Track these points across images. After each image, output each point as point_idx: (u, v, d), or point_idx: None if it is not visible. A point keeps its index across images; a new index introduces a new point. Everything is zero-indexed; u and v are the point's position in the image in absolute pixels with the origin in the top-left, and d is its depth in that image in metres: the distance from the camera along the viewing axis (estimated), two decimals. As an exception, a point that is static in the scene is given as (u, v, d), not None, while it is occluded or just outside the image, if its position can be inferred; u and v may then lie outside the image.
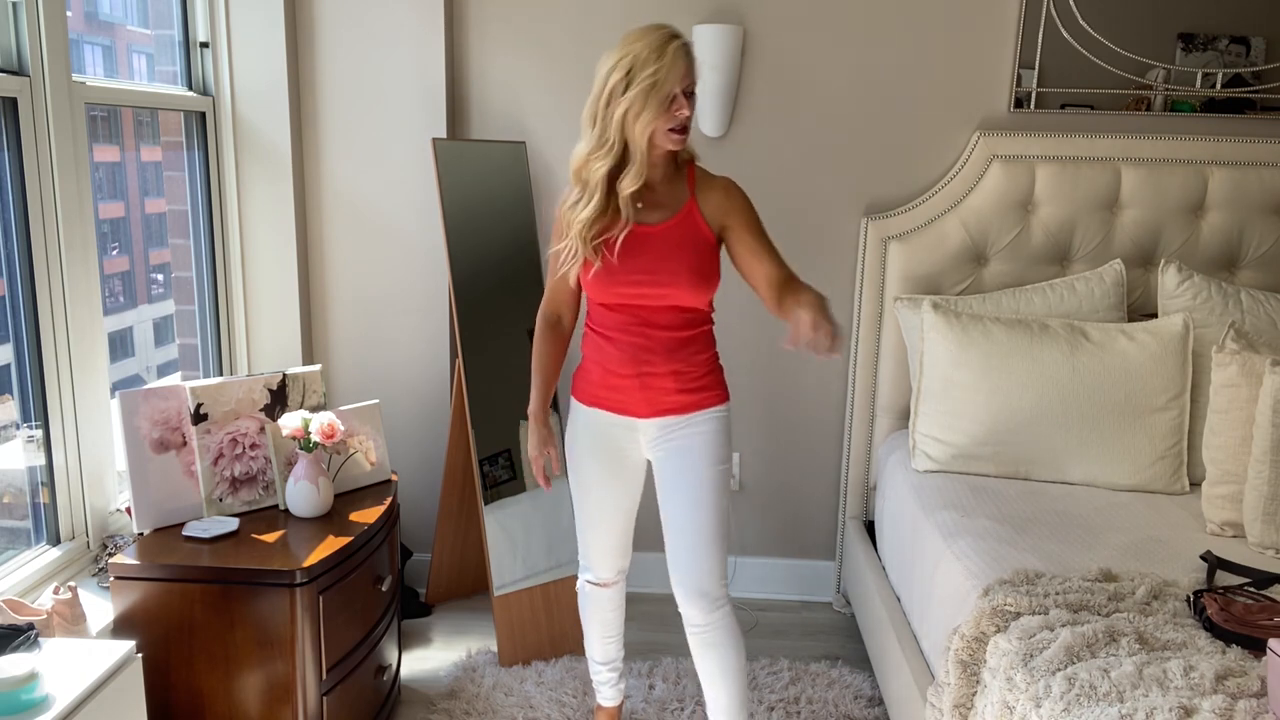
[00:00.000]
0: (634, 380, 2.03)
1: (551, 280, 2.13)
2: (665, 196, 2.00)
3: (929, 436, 2.66)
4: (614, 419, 2.09)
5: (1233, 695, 1.47)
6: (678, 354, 2.02)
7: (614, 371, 2.05)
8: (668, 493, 2.09)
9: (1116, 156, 2.85)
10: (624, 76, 1.85)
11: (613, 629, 2.35)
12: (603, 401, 2.09)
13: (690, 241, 1.98)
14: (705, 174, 2.06)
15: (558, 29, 2.96)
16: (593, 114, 1.93)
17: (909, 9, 2.89)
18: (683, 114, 1.88)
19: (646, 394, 2.04)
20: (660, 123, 1.87)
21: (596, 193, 1.94)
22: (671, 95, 1.85)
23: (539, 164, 3.02)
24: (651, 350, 2.01)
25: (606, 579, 2.27)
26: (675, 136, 1.90)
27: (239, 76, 2.84)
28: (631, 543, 2.26)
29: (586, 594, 2.32)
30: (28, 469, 2.15)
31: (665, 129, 1.88)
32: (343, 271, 3.07)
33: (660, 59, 1.83)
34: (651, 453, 2.11)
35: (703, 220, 2.00)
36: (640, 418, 2.07)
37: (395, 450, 3.08)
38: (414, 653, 2.85)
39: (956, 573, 2.04)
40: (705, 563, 2.05)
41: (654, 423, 2.06)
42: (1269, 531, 2.15)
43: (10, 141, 2.00)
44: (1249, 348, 2.33)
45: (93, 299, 2.20)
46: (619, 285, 1.98)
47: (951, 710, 1.81)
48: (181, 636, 2.02)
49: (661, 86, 1.83)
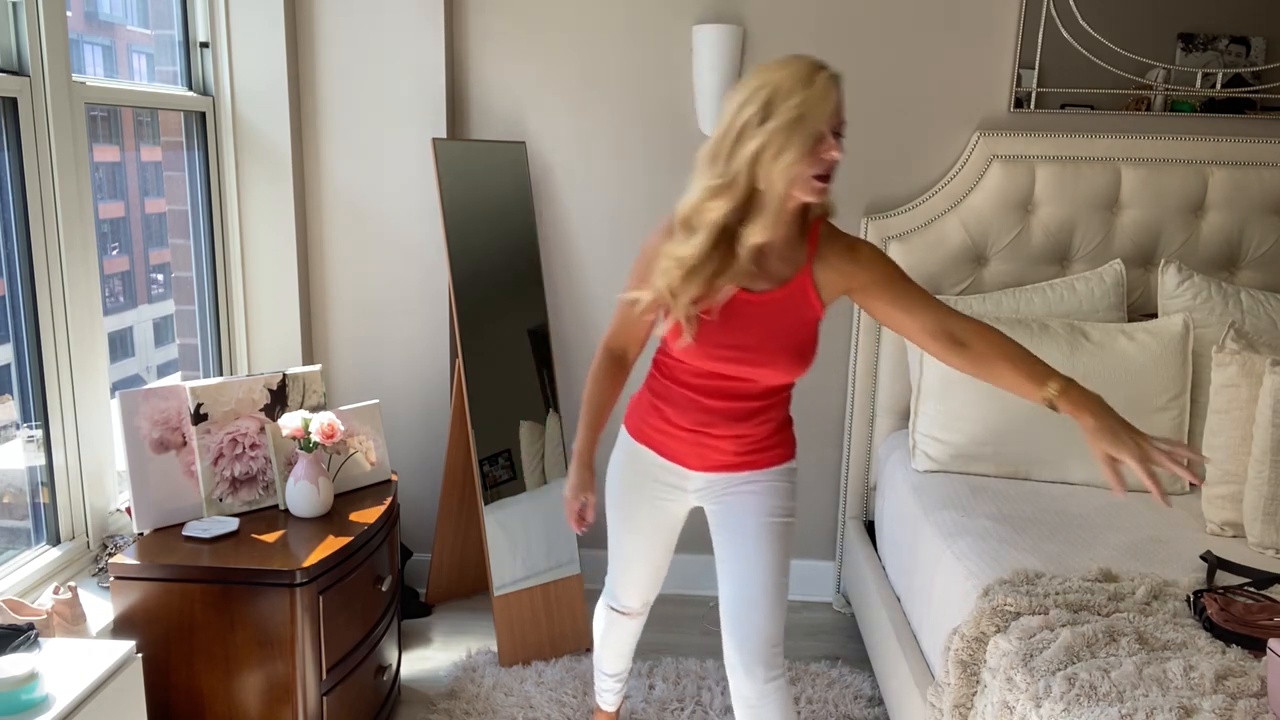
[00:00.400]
0: (688, 434, 1.85)
1: (623, 313, 1.87)
2: (779, 258, 1.71)
3: (929, 436, 2.66)
4: (662, 462, 1.91)
5: (1233, 695, 1.47)
6: (745, 421, 1.81)
7: (669, 420, 1.86)
8: (723, 542, 1.89)
9: (1116, 156, 2.85)
10: (760, 109, 1.55)
11: (626, 649, 2.24)
12: (652, 442, 1.91)
13: (796, 317, 1.72)
14: (832, 234, 1.75)
15: (558, 29, 2.96)
16: (715, 152, 1.62)
17: (909, 9, 2.89)
18: (831, 156, 1.57)
19: (699, 450, 1.86)
20: (803, 166, 1.56)
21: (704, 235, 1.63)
22: (819, 133, 1.55)
23: (539, 164, 3.03)
24: (715, 413, 1.81)
25: (631, 609, 2.14)
26: (818, 185, 1.59)
27: (239, 76, 2.84)
28: (663, 579, 2.11)
29: (608, 618, 2.18)
30: (28, 469, 2.15)
31: (808, 175, 1.57)
32: (343, 271, 3.07)
33: (808, 88, 1.53)
34: (703, 502, 1.94)
35: (814, 292, 1.72)
36: (690, 469, 1.89)
37: (395, 450, 3.08)
38: (414, 653, 2.85)
39: (956, 573, 2.04)
40: (765, 628, 1.83)
41: (704, 476, 1.89)
42: (1269, 531, 2.15)
43: (10, 141, 2.01)
44: (1249, 348, 2.33)
45: (93, 299, 2.20)
46: (706, 359, 1.74)
47: (951, 710, 1.81)
48: (181, 636, 2.02)
49: (808, 121, 1.53)
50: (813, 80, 1.54)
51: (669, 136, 2.99)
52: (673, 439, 1.87)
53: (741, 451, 1.84)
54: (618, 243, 3.06)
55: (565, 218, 3.06)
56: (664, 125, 2.98)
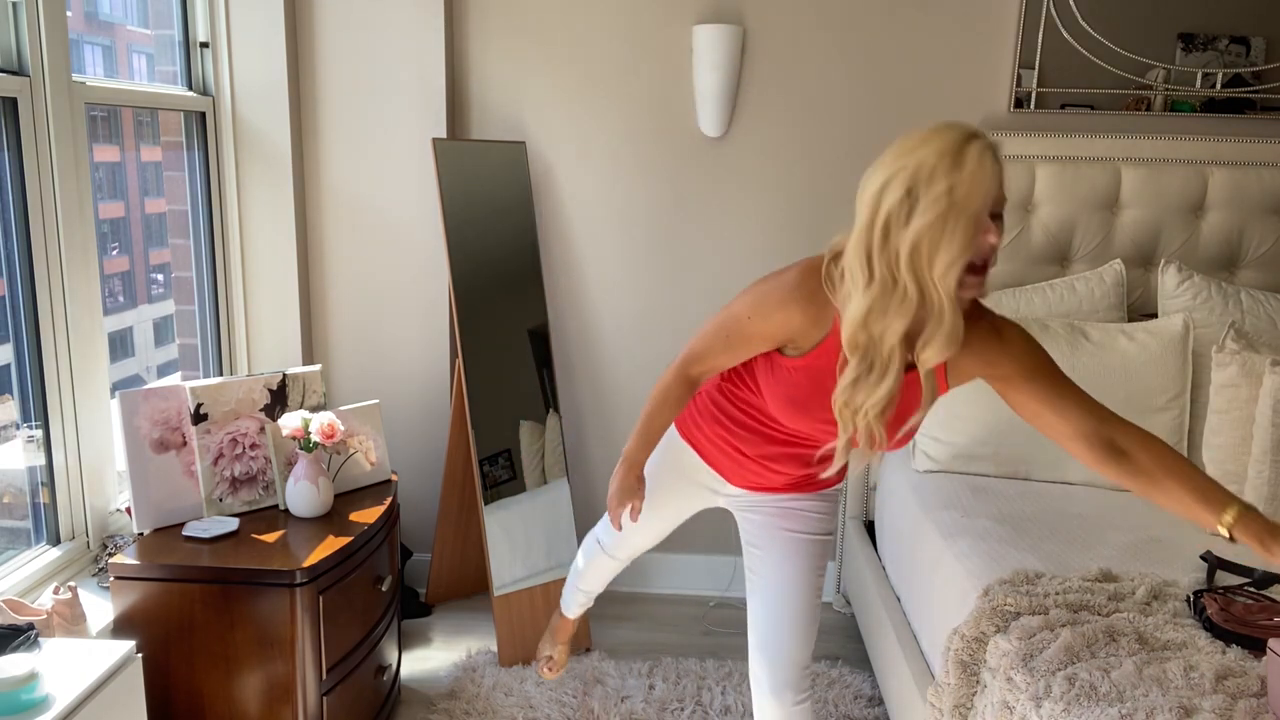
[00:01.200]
0: (745, 460, 1.73)
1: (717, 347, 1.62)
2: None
3: (929, 436, 2.65)
4: (702, 465, 1.82)
5: (1233, 695, 1.47)
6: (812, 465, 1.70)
7: (730, 442, 1.74)
8: (761, 564, 1.80)
9: (1116, 156, 2.85)
10: (905, 196, 1.33)
11: (609, 577, 2.18)
12: (701, 448, 1.81)
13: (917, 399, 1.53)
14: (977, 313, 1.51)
15: (558, 29, 2.96)
16: (865, 252, 1.38)
17: (909, 9, 2.89)
18: (989, 242, 1.35)
19: (748, 475, 1.76)
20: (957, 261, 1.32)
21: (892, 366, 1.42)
22: (979, 220, 1.32)
23: (539, 164, 3.03)
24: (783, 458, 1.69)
25: (621, 558, 2.11)
26: (973, 280, 1.36)
27: (239, 76, 2.85)
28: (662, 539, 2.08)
29: (594, 553, 2.12)
30: (28, 469, 2.15)
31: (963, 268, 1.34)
32: (343, 272, 3.07)
33: (958, 168, 1.30)
34: (735, 510, 1.86)
35: (945, 377, 1.54)
36: (731, 484, 1.81)
37: (395, 450, 3.08)
38: (414, 653, 2.85)
39: (956, 573, 2.04)
40: (796, 650, 1.76)
41: (744, 493, 1.81)
42: (1269, 531, 2.15)
43: (10, 141, 2.00)
44: (1249, 348, 2.33)
45: (93, 299, 2.20)
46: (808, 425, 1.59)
47: (951, 710, 1.81)
48: (181, 636, 2.02)
49: (965, 207, 1.30)
50: (964, 155, 1.31)
51: (669, 136, 2.99)
52: (726, 457, 1.76)
53: (791, 485, 1.76)
54: (618, 243, 3.06)
55: (565, 218, 3.06)
56: (664, 125, 2.98)
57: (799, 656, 1.77)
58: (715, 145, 2.97)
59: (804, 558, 1.77)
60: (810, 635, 1.79)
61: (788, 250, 2.97)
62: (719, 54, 2.83)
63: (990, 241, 1.34)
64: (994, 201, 1.34)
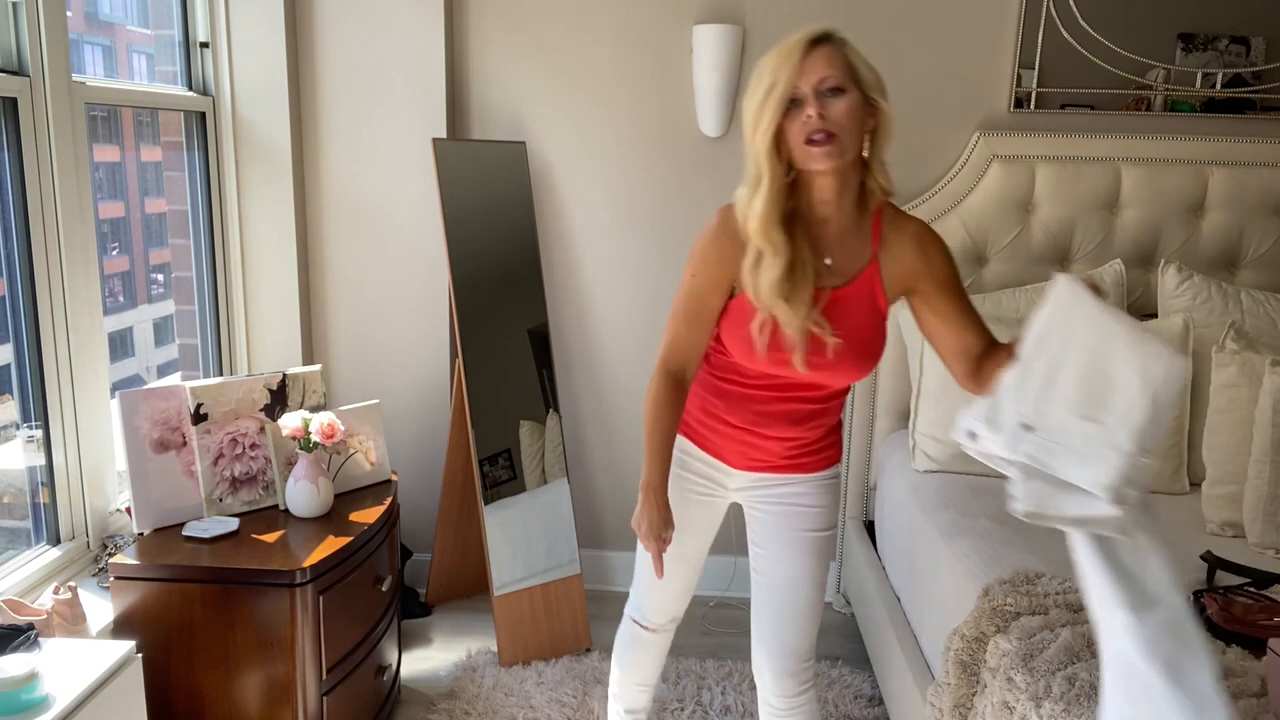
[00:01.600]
0: (736, 431, 1.75)
1: (681, 329, 1.69)
2: (844, 252, 1.59)
3: (929, 436, 2.65)
4: (703, 456, 1.81)
5: (1233, 695, 1.47)
6: (798, 425, 1.72)
7: (718, 415, 1.76)
8: (762, 548, 1.82)
9: (1116, 156, 2.85)
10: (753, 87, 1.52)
11: (647, 676, 2.08)
12: (696, 437, 1.81)
13: (863, 315, 1.60)
14: (895, 219, 1.62)
15: (558, 29, 2.96)
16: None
17: (909, 9, 2.89)
18: (806, 113, 1.47)
19: (743, 449, 1.76)
20: (793, 136, 1.49)
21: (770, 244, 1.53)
22: (792, 95, 1.48)
23: (539, 164, 3.02)
24: (769, 415, 1.71)
25: (656, 624, 1.99)
26: (812, 150, 1.48)
27: (239, 76, 2.85)
28: (693, 590, 1.98)
29: (630, 636, 2.03)
30: (28, 469, 2.15)
31: (799, 142, 1.49)
32: (343, 271, 3.07)
33: (777, 54, 1.49)
34: (743, 499, 1.85)
35: (881, 288, 1.60)
36: (732, 467, 1.80)
37: (395, 450, 3.08)
38: (414, 653, 2.85)
39: (956, 573, 2.04)
40: (798, 643, 1.80)
41: (746, 475, 1.80)
42: (1269, 531, 2.15)
43: (10, 141, 2.01)
44: (1249, 348, 2.33)
45: (93, 299, 2.20)
46: (775, 365, 1.63)
47: (951, 710, 1.81)
48: (181, 636, 2.02)
49: (779, 86, 1.47)
50: (785, 46, 1.49)
51: (669, 136, 2.99)
52: (718, 435, 1.77)
53: (788, 455, 1.75)
54: (618, 242, 3.06)
55: (565, 218, 3.06)
56: (664, 125, 2.98)
57: (802, 648, 1.80)
58: (715, 145, 2.97)
59: (809, 555, 1.79)
60: (812, 629, 1.82)
61: (788, 250, 2.96)
62: (719, 54, 2.83)
63: (806, 113, 1.47)
64: (818, 81, 1.47)
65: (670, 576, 1.86)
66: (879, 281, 1.59)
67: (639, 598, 1.98)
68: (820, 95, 1.47)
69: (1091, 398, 1.31)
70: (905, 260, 1.60)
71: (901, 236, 1.60)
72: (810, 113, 1.46)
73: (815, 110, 1.46)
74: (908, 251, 1.60)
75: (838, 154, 1.48)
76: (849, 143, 1.49)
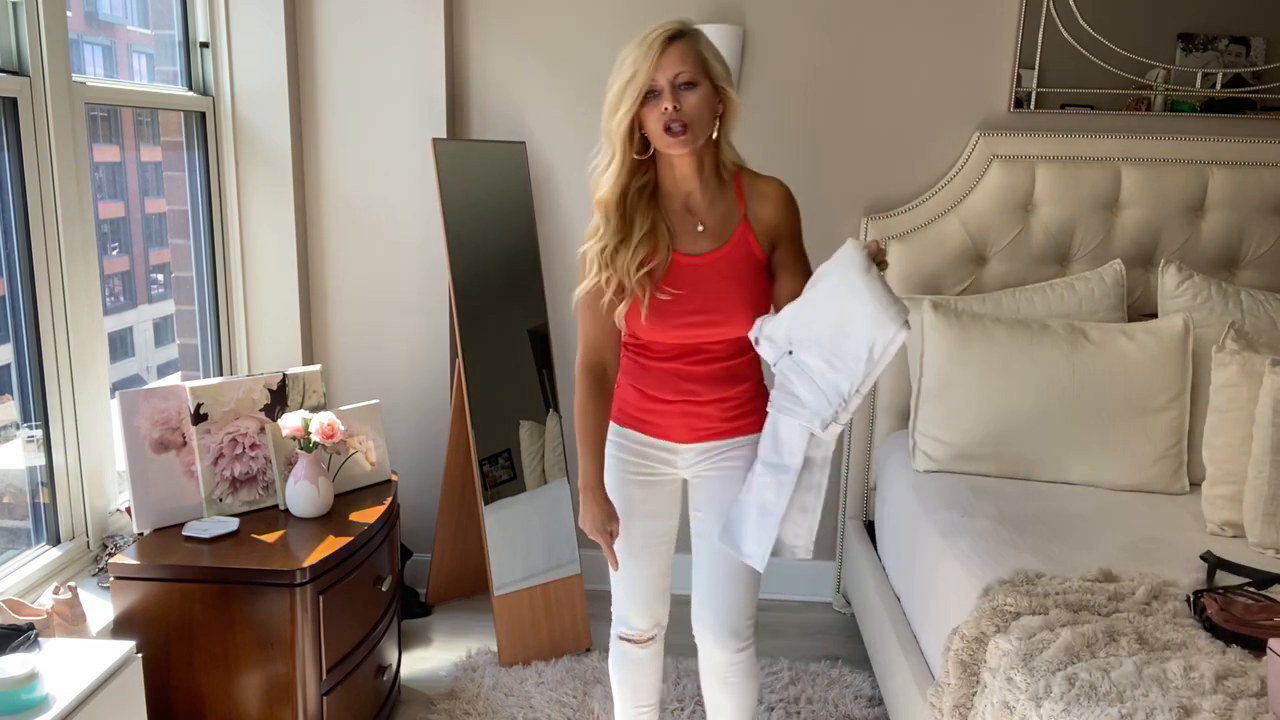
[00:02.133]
0: (674, 406, 1.86)
1: (588, 325, 1.87)
2: (714, 218, 1.78)
3: (929, 436, 2.65)
4: (651, 440, 1.91)
5: (1233, 695, 1.47)
6: (723, 383, 1.84)
7: (653, 396, 1.87)
8: (705, 514, 1.91)
9: (1116, 156, 2.85)
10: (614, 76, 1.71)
11: (646, 697, 2.10)
12: (639, 425, 1.91)
13: (745, 270, 1.78)
14: (753, 179, 1.83)
15: (558, 29, 2.96)
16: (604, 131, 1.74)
17: (909, 9, 2.89)
18: (661, 106, 1.65)
19: (687, 420, 1.87)
20: (651, 124, 1.68)
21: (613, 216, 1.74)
22: (649, 89, 1.66)
23: (539, 164, 3.02)
24: (696, 379, 1.84)
25: (643, 630, 2.01)
26: (670, 139, 1.67)
27: (239, 76, 2.84)
28: (669, 588, 2.02)
29: (620, 655, 2.06)
30: (28, 469, 2.15)
31: (658, 130, 1.68)
32: (343, 271, 3.07)
33: (636, 49, 1.68)
34: (690, 474, 1.94)
35: (755, 241, 1.79)
36: (680, 443, 1.89)
37: (395, 450, 3.08)
38: (414, 653, 2.85)
39: (956, 573, 2.04)
40: (739, 599, 1.88)
41: (694, 448, 1.89)
42: (1269, 531, 2.15)
43: (10, 141, 2.01)
44: (1249, 348, 2.33)
45: (93, 299, 2.20)
46: (673, 328, 1.78)
47: (951, 710, 1.81)
48: (181, 636, 2.02)
49: (637, 78, 1.66)
50: (643, 41, 1.67)
51: (669, 136, 2.98)
52: (659, 415, 1.88)
53: (726, 416, 1.86)
54: (618, 243, 3.06)
55: (565, 218, 3.06)
56: (664, 125, 2.98)
57: (744, 607, 1.89)
58: (715, 145, 2.97)
59: None
60: (754, 589, 1.90)
61: (788, 250, 2.96)
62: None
63: (664, 106, 1.65)
64: (674, 75, 1.65)
65: (636, 569, 1.94)
66: (752, 236, 1.79)
67: (620, 608, 2.02)
68: (675, 89, 1.65)
69: (833, 346, 1.66)
70: (768, 213, 1.80)
71: (762, 193, 1.80)
72: (667, 105, 1.65)
73: (671, 104, 1.65)
74: (769, 205, 1.80)
75: (692, 140, 1.68)
76: (701, 130, 1.69)
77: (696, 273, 1.76)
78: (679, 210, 1.78)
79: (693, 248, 1.77)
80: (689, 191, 1.78)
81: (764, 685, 2.66)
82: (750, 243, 1.78)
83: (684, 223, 1.78)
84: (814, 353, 1.68)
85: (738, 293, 1.77)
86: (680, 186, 1.78)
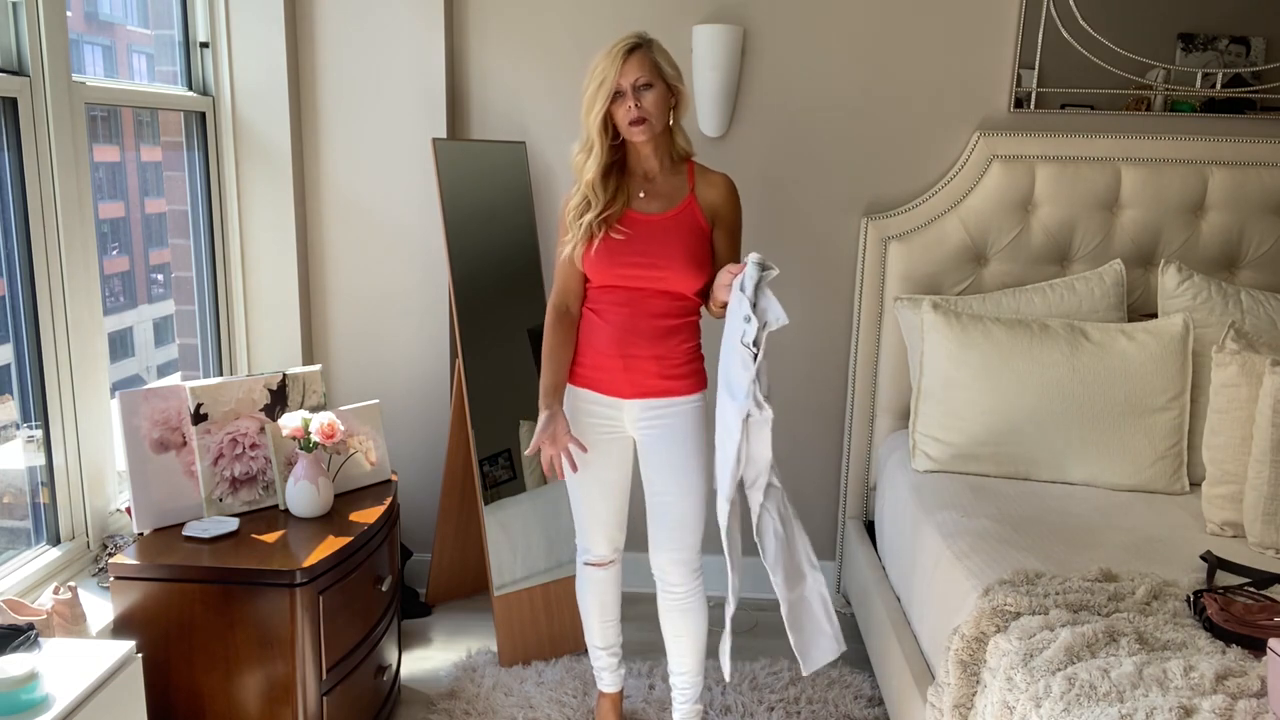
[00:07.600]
0: (619, 361, 2.17)
1: (559, 270, 2.24)
2: (666, 189, 2.18)
3: (929, 436, 2.66)
4: (600, 398, 2.22)
5: (1233, 695, 1.47)
6: (663, 341, 2.16)
7: (601, 352, 2.19)
8: (653, 471, 2.24)
9: (1116, 156, 2.85)
10: (588, 81, 2.10)
11: (611, 612, 2.43)
12: (590, 382, 2.22)
13: (688, 230, 2.15)
14: (704, 170, 2.22)
15: (558, 29, 2.96)
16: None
17: (909, 9, 2.89)
18: (628, 106, 2.05)
19: (630, 375, 2.17)
20: (619, 118, 2.08)
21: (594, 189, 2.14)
22: (616, 91, 2.06)
23: (539, 164, 3.02)
24: (638, 333, 2.15)
25: (604, 556, 2.36)
26: (633, 130, 2.07)
27: (239, 76, 2.84)
28: (626, 519, 2.35)
29: (585, 577, 2.40)
30: (28, 469, 2.15)
31: (625, 124, 2.08)
32: (343, 271, 3.07)
33: (605, 59, 2.06)
34: (636, 432, 2.24)
35: (700, 213, 2.17)
36: (624, 398, 2.20)
37: (395, 450, 3.08)
38: (414, 653, 2.85)
39: (956, 573, 2.05)
40: (689, 536, 2.23)
41: (637, 404, 2.20)
42: (1269, 531, 2.15)
43: (10, 141, 2.01)
44: (1249, 348, 2.33)
45: (93, 299, 2.20)
46: (618, 265, 2.13)
47: (951, 710, 1.81)
48: (181, 636, 2.02)
49: (606, 83, 2.05)
50: (610, 51, 2.06)
51: (669, 136, 2.98)
52: (605, 371, 2.19)
53: (664, 374, 2.17)
54: (618, 243, 3.06)
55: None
56: (664, 125, 2.98)
57: (692, 542, 2.24)
58: (715, 145, 2.97)
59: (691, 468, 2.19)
60: (697, 529, 2.23)
61: (787, 250, 2.97)
62: (719, 54, 2.83)
63: (628, 104, 2.05)
64: (634, 80, 2.05)
65: (595, 510, 2.30)
66: (698, 208, 2.16)
67: (583, 538, 2.37)
68: (636, 90, 2.06)
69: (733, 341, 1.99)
70: (712, 197, 2.17)
71: (711, 179, 2.19)
72: (629, 104, 2.06)
73: (633, 103, 2.06)
74: (715, 192, 2.18)
75: (650, 131, 2.08)
76: (658, 121, 2.09)
77: (647, 227, 2.14)
78: (640, 181, 2.18)
79: (646, 208, 2.16)
80: (648, 169, 2.18)
81: (764, 685, 2.66)
82: (695, 212, 2.16)
83: (643, 189, 2.17)
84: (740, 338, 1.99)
85: (678, 246, 2.12)
86: (642, 165, 2.18)
